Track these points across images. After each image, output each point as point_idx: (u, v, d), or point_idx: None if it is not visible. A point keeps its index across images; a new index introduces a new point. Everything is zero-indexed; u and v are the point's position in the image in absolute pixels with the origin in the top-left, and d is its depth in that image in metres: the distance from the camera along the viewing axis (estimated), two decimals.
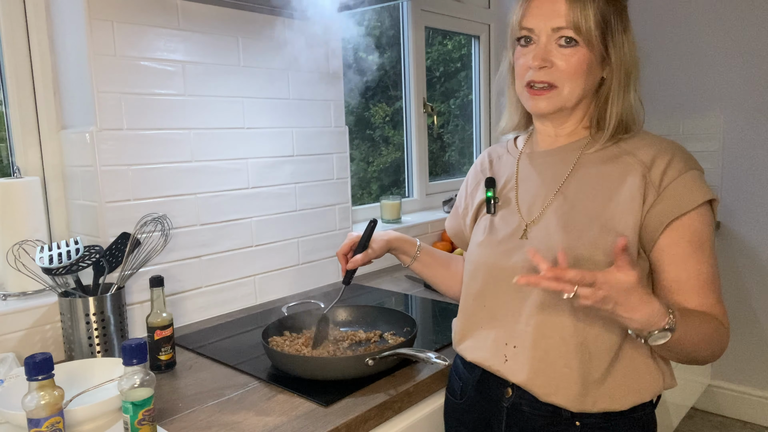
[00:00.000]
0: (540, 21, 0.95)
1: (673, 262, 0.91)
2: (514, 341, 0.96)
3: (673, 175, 0.91)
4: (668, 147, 0.94)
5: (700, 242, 0.90)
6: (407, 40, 2.40)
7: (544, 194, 1.00)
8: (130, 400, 0.85)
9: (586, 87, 0.96)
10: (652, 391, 0.94)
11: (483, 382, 1.02)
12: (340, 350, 1.22)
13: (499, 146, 1.17)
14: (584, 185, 0.96)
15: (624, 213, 0.91)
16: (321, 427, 0.96)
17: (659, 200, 0.90)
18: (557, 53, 0.94)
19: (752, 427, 2.58)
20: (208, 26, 1.51)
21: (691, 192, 0.90)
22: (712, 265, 0.91)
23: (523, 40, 0.98)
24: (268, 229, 1.69)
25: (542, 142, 1.06)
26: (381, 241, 1.23)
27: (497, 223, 1.05)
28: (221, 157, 1.57)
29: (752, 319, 2.57)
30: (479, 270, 1.03)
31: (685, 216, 0.89)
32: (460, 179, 2.70)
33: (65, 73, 1.40)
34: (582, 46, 0.93)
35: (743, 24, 2.46)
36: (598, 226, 0.92)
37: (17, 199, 1.32)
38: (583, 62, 0.94)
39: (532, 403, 0.95)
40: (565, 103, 0.96)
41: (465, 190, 1.20)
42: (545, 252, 0.93)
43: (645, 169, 0.92)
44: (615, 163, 0.95)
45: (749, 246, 2.54)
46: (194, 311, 1.54)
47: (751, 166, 2.51)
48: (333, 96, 1.85)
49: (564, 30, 0.93)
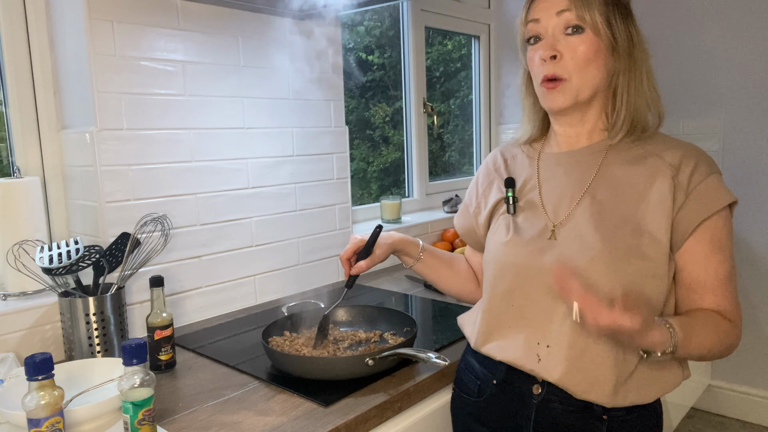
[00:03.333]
0: (544, 10, 0.97)
1: (695, 261, 0.94)
2: (547, 341, 0.97)
3: (699, 178, 0.93)
4: (693, 150, 0.96)
5: (721, 243, 0.93)
6: (407, 40, 2.40)
7: (571, 195, 1.00)
8: (130, 400, 0.85)
9: (598, 76, 0.97)
10: (673, 382, 0.97)
11: (509, 380, 1.02)
12: (340, 350, 1.22)
13: (511, 146, 1.17)
14: (612, 186, 0.97)
15: (655, 214, 0.93)
16: (321, 427, 0.96)
17: (687, 202, 0.92)
18: (565, 43, 0.96)
19: (752, 427, 2.58)
20: (208, 26, 1.51)
21: (716, 195, 0.93)
22: (730, 265, 0.94)
23: (532, 39, 1.00)
24: (268, 229, 1.69)
25: (563, 144, 1.06)
26: (385, 245, 1.22)
27: (521, 223, 1.05)
28: (221, 157, 1.57)
29: (752, 319, 2.57)
30: (507, 269, 1.03)
31: (710, 218, 0.92)
32: (460, 179, 2.70)
33: (65, 73, 1.40)
34: (589, 33, 0.95)
35: (743, 24, 2.46)
36: (631, 226, 0.93)
37: (17, 199, 1.32)
38: (590, 50, 0.95)
39: (563, 399, 0.96)
40: (578, 94, 0.97)
41: (476, 188, 1.19)
42: (577, 253, 0.94)
43: (673, 171, 0.94)
44: (642, 164, 0.96)
45: (749, 246, 2.54)
46: (194, 311, 1.54)
47: (751, 166, 2.51)
48: (333, 96, 1.85)
49: (566, 13, 0.95)
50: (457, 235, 2.25)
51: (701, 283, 0.94)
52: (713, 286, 0.94)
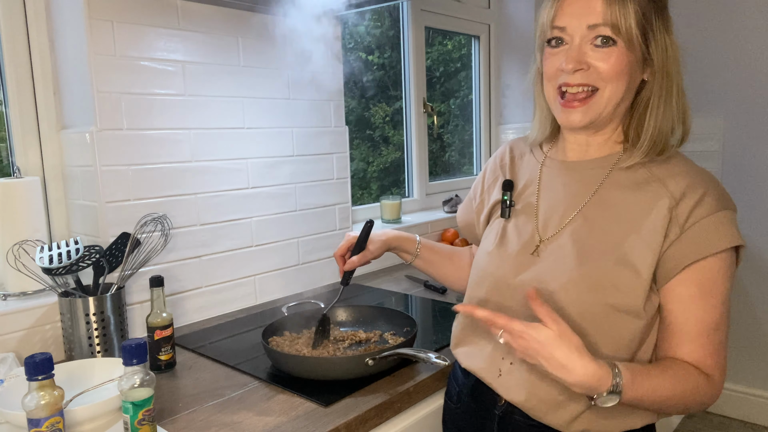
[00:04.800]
0: (574, 19, 0.86)
1: (677, 301, 0.86)
2: (511, 357, 0.94)
3: (701, 214, 0.84)
4: (702, 181, 0.87)
5: (711, 288, 0.84)
6: (407, 40, 2.40)
7: (563, 210, 0.95)
8: (130, 400, 0.85)
9: (627, 92, 0.88)
10: (644, 420, 0.91)
11: (477, 389, 1.02)
12: (340, 350, 1.22)
13: (523, 142, 1.11)
14: (607, 210, 0.91)
15: (643, 248, 0.85)
16: (321, 427, 0.96)
17: (680, 240, 0.84)
18: (593, 54, 0.86)
19: (752, 427, 2.58)
20: (208, 26, 1.51)
21: (716, 235, 0.83)
22: (719, 314, 0.85)
23: (553, 41, 0.90)
24: (267, 229, 1.69)
25: (571, 152, 0.99)
26: (378, 241, 1.22)
27: (510, 232, 1.01)
28: (221, 157, 1.57)
29: (752, 319, 2.57)
30: (485, 279, 1.01)
31: (704, 260, 0.83)
32: (460, 179, 2.70)
33: (65, 73, 1.40)
34: (621, 47, 0.85)
35: (743, 24, 2.46)
36: (615, 256, 0.87)
37: (17, 199, 1.32)
38: (623, 62, 0.86)
39: (525, 415, 0.94)
40: (602, 110, 0.89)
41: (482, 182, 1.14)
42: (554, 273, 0.90)
43: (673, 202, 0.85)
44: (642, 190, 0.89)
45: (749, 246, 2.54)
46: (194, 311, 1.54)
47: (751, 166, 2.51)
48: (333, 96, 1.85)
49: (600, 28, 0.85)
50: (457, 235, 2.26)
51: (680, 327, 0.85)
52: (693, 333, 0.84)
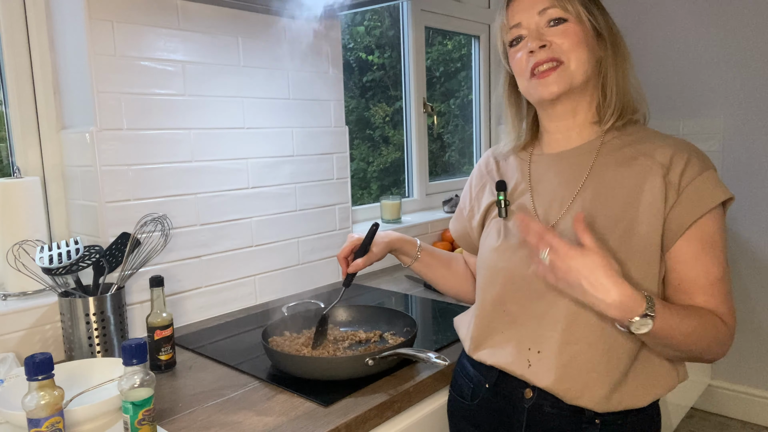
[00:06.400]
0: (525, 12, 0.97)
1: (683, 260, 0.91)
2: (538, 346, 0.96)
3: (691, 175, 0.91)
4: (684, 147, 0.95)
5: (712, 242, 0.91)
6: (407, 40, 2.40)
7: (561, 198, 0.99)
8: (130, 400, 0.85)
9: (590, 60, 0.96)
10: (668, 386, 0.95)
11: (500, 384, 1.02)
12: (340, 350, 1.22)
13: (502, 148, 1.15)
14: (604, 188, 0.96)
15: (648, 215, 0.91)
16: (321, 427, 0.96)
17: (679, 202, 0.90)
18: (550, 33, 0.96)
19: (752, 427, 2.58)
20: (208, 26, 1.51)
21: (709, 193, 0.90)
22: (721, 264, 0.91)
23: (514, 41, 1.00)
24: (267, 229, 1.69)
25: (555, 144, 1.05)
26: (382, 243, 1.23)
27: (512, 228, 1.04)
28: (221, 157, 1.57)
29: (752, 319, 2.57)
30: (497, 275, 1.02)
31: (703, 217, 0.90)
32: (460, 179, 2.70)
33: (65, 73, 1.40)
34: (572, 21, 0.95)
35: (744, 24, 2.46)
36: (622, 228, 0.92)
37: (17, 199, 1.32)
38: (578, 34, 0.95)
39: (555, 404, 0.95)
40: (573, 78, 0.96)
41: (469, 192, 1.19)
42: None
43: (664, 170, 0.92)
44: (632, 165, 0.95)
45: (749, 246, 2.54)
46: (194, 311, 1.54)
47: (751, 166, 2.51)
48: (333, 96, 1.85)
49: (549, 11, 0.95)
50: None
51: (691, 282, 0.91)
52: (704, 285, 0.91)
